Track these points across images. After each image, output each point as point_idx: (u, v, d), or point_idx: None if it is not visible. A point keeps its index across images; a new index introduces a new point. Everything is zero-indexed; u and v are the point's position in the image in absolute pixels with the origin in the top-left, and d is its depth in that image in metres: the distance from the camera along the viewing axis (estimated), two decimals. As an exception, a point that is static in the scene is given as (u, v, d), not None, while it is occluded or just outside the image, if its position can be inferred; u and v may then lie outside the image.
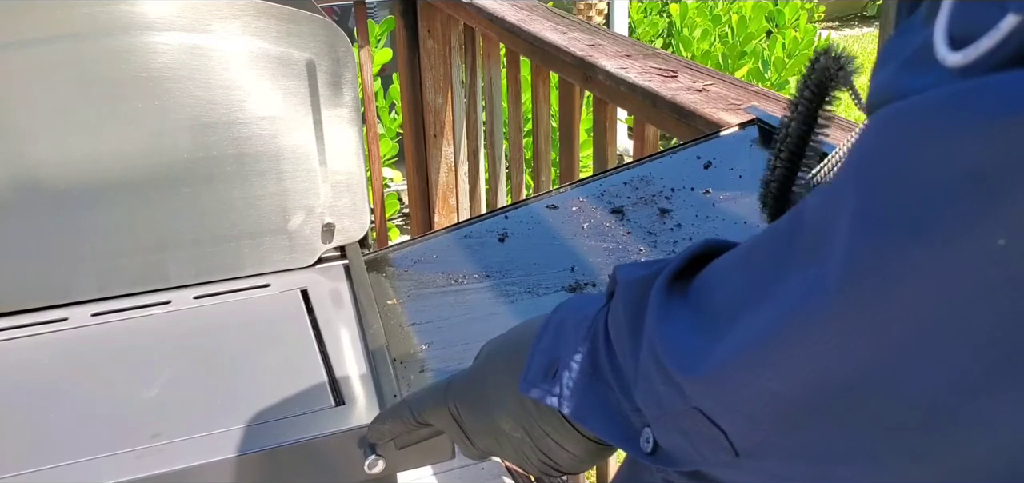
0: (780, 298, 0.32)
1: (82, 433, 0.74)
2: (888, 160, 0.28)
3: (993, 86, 0.24)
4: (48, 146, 0.90)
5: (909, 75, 0.29)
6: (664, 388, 0.39)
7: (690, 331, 0.38)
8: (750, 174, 0.95)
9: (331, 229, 1.03)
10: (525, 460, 0.55)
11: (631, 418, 0.44)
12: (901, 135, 0.27)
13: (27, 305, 0.94)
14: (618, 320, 0.44)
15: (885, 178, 0.28)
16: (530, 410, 0.51)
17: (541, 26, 1.72)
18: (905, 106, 0.27)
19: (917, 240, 0.26)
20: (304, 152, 0.98)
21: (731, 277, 0.39)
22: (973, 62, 0.25)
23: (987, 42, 0.25)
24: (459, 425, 0.58)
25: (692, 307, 0.40)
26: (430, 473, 2.03)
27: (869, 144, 0.29)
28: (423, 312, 0.87)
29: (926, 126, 0.26)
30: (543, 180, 1.85)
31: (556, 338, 0.49)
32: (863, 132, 0.30)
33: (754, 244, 0.37)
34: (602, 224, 0.93)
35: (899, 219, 0.27)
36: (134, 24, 0.89)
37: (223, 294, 0.98)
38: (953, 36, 0.26)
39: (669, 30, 5.10)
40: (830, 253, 0.30)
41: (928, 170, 0.26)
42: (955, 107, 0.25)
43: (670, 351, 0.38)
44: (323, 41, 0.95)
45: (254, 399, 0.78)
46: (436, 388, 0.60)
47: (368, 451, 0.68)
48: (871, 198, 0.28)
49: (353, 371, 0.82)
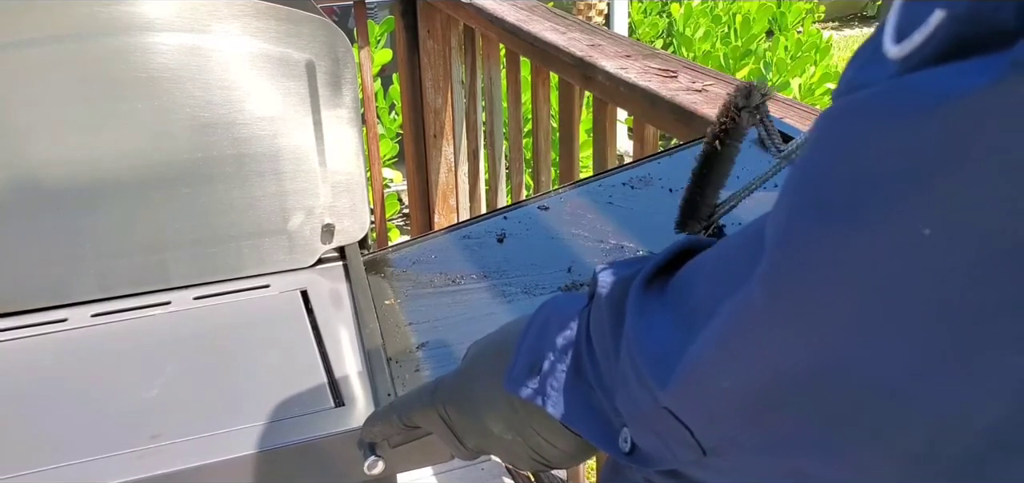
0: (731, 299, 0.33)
1: (82, 433, 0.74)
2: (824, 152, 0.29)
3: (917, 82, 0.25)
4: (48, 146, 0.90)
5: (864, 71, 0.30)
6: (638, 389, 0.39)
7: (665, 331, 0.39)
8: (748, 175, 0.95)
9: (331, 230, 1.03)
10: (516, 458, 0.55)
11: (611, 418, 0.44)
12: (838, 128, 0.28)
13: (27, 305, 0.94)
14: (600, 321, 0.44)
15: (822, 165, 0.29)
16: (518, 408, 0.51)
17: (541, 26, 1.72)
18: (847, 101, 0.28)
19: (852, 227, 0.27)
20: (304, 153, 0.99)
21: (703, 277, 0.39)
22: (907, 55, 0.26)
23: (918, 37, 0.26)
24: (448, 426, 0.58)
25: (669, 307, 0.40)
26: (430, 473, 2.03)
27: (816, 135, 0.30)
28: (420, 312, 0.87)
29: (860, 119, 0.27)
30: (543, 180, 1.85)
31: (540, 337, 0.50)
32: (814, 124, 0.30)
33: (727, 244, 0.38)
34: (601, 225, 0.93)
35: (836, 206, 0.27)
36: (134, 24, 0.89)
37: (223, 294, 0.98)
38: (899, 30, 0.27)
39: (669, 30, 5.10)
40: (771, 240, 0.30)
41: (859, 160, 0.27)
42: (885, 101, 0.26)
43: (643, 352, 0.39)
44: (323, 41, 0.95)
45: (254, 400, 0.78)
46: (423, 390, 0.61)
47: (368, 452, 0.68)
48: (804, 189, 0.29)
49: (353, 372, 0.82)
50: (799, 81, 4.26)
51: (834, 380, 0.29)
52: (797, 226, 0.29)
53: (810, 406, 0.31)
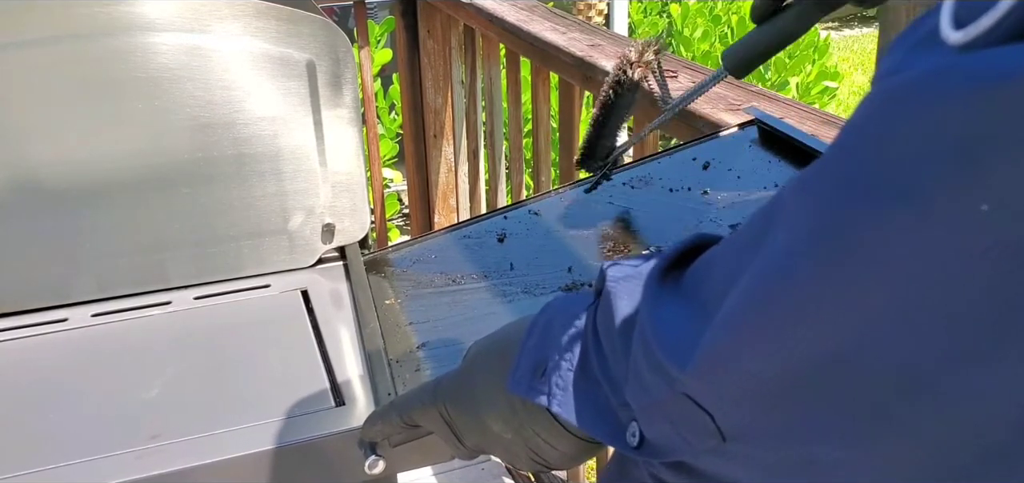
0: (753, 273, 0.33)
1: (82, 433, 0.74)
2: (876, 128, 0.28)
3: (985, 58, 0.25)
4: (48, 146, 0.90)
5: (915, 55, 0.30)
6: (652, 377, 0.39)
7: (682, 320, 0.39)
8: (749, 175, 0.95)
9: (331, 230, 1.03)
10: (515, 458, 0.55)
11: (618, 413, 0.44)
12: (892, 104, 0.28)
13: (27, 305, 0.94)
14: (608, 316, 0.44)
15: (870, 145, 0.28)
16: (518, 409, 0.51)
17: (541, 26, 1.72)
18: (901, 78, 0.28)
19: (900, 205, 0.26)
20: (304, 153, 0.99)
21: (719, 264, 0.39)
22: (973, 39, 0.26)
23: (987, 21, 0.26)
24: (449, 425, 0.58)
25: (684, 298, 0.40)
26: (430, 473, 2.03)
27: (861, 115, 0.29)
28: (421, 311, 0.87)
29: (918, 96, 0.27)
30: (543, 180, 1.85)
31: (544, 337, 0.50)
32: (858, 106, 0.30)
33: (740, 234, 0.38)
34: (601, 225, 0.93)
35: (883, 185, 0.27)
36: (134, 24, 0.89)
37: (223, 294, 0.98)
38: (958, 18, 0.27)
39: (669, 30, 5.10)
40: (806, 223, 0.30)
41: (916, 137, 0.26)
42: (946, 77, 0.26)
43: (661, 341, 0.39)
44: (323, 41, 0.95)
45: (254, 399, 0.78)
46: (424, 389, 0.61)
47: (368, 451, 0.68)
48: (854, 165, 0.29)
49: (353, 371, 0.82)
50: (797, 80, 4.26)
51: (867, 364, 0.29)
52: (843, 206, 0.29)
53: (838, 390, 0.30)
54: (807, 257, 0.30)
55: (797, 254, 0.30)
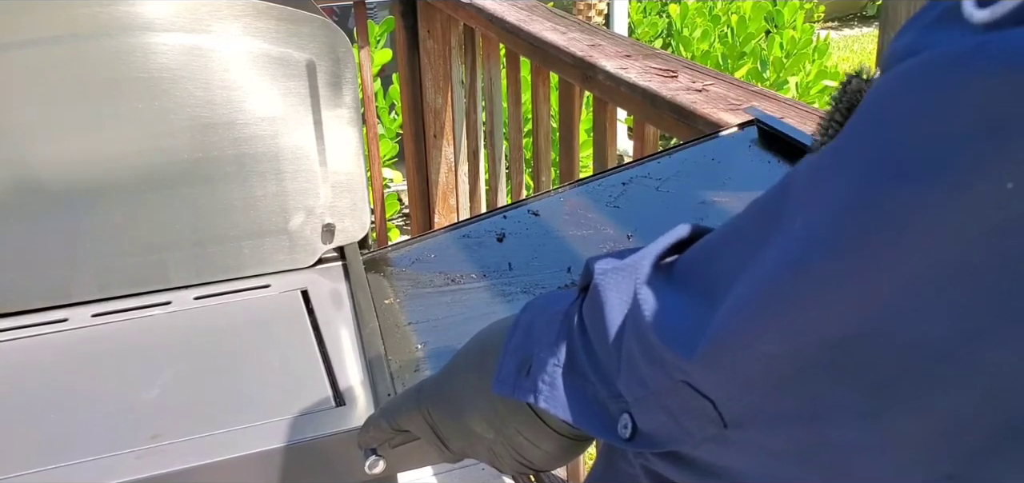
0: (771, 257, 0.33)
1: (82, 433, 0.74)
2: (901, 106, 0.28)
3: (1007, 38, 0.25)
4: (48, 146, 0.90)
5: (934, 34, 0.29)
6: (648, 368, 0.39)
7: (681, 308, 0.39)
8: (748, 175, 0.95)
9: (331, 230, 1.03)
10: (498, 459, 0.55)
11: (608, 406, 0.44)
12: (918, 82, 0.28)
13: (27, 305, 0.94)
14: (596, 309, 0.44)
15: (897, 124, 0.28)
16: (500, 410, 0.51)
17: (541, 26, 1.72)
18: (924, 57, 0.28)
19: (930, 182, 0.26)
20: (304, 153, 0.99)
21: (722, 251, 0.39)
22: (999, 18, 0.26)
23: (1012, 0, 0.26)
24: (433, 428, 0.58)
25: (682, 285, 0.40)
26: (430, 473, 2.03)
27: (883, 93, 0.29)
28: (420, 311, 0.87)
29: (944, 73, 0.27)
30: (543, 180, 1.85)
31: (527, 336, 0.49)
32: (875, 86, 0.30)
33: (743, 217, 0.38)
34: (601, 225, 0.93)
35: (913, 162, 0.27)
36: (134, 24, 0.89)
37: (223, 294, 0.98)
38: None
39: (669, 30, 5.10)
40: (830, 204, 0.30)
41: (942, 115, 0.26)
42: (974, 56, 0.26)
43: (659, 329, 0.38)
44: (323, 41, 0.95)
45: (254, 400, 0.78)
46: (408, 394, 0.61)
47: (368, 452, 0.68)
48: (879, 144, 0.29)
49: (353, 372, 0.82)
50: (796, 79, 4.26)
51: (887, 341, 0.29)
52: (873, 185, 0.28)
53: (859, 367, 0.30)
54: (833, 238, 0.30)
55: (820, 237, 0.30)
